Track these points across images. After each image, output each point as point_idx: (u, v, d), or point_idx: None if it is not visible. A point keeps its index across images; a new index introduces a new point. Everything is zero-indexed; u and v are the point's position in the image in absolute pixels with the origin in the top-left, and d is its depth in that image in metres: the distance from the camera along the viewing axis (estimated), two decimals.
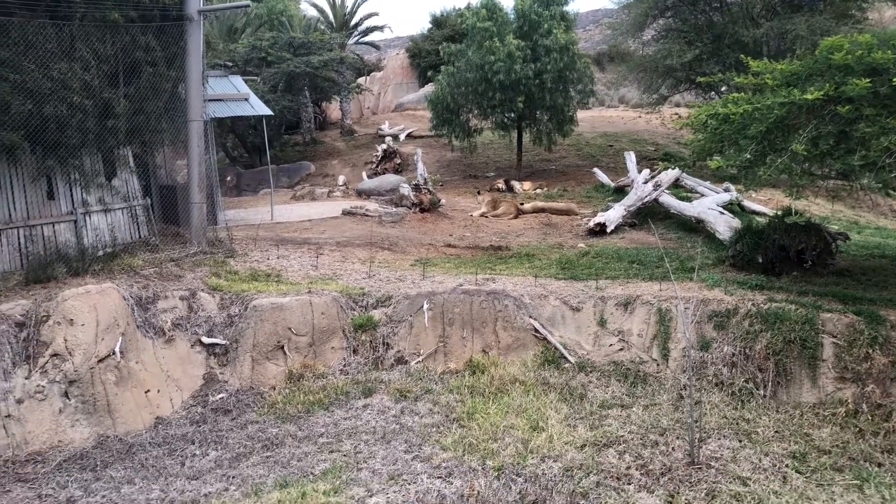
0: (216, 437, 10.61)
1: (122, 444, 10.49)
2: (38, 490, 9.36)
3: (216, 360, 12.19)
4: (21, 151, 11.98)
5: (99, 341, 10.95)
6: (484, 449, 9.76)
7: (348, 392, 11.73)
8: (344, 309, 12.88)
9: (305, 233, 18.26)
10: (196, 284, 12.97)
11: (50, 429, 10.35)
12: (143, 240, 14.64)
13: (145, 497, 9.12)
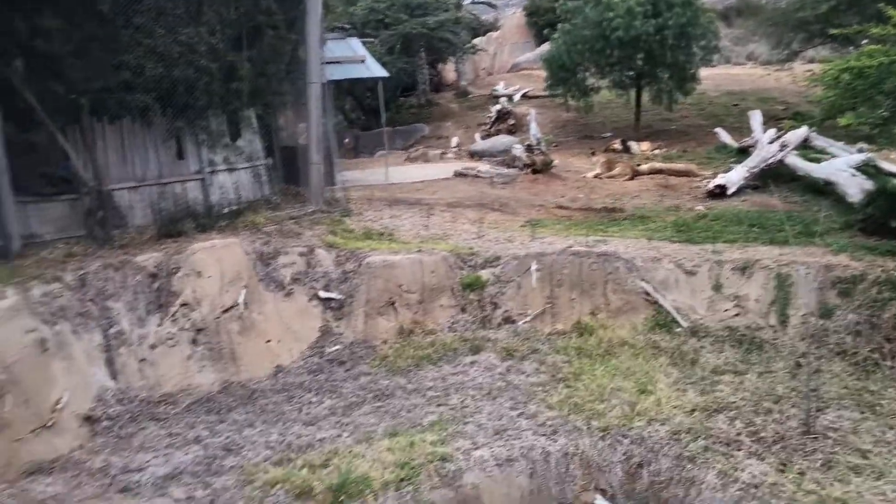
0: (331, 387, 11.10)
1: (244, 390, 11.15)
2: (169, 429, 10.12)
3: (332, 314, 12.68)
4: (153, 113, 12.73)
5: (224, 293, 11.63)
6: (590, 409, 9.76)
7: (456, 349, 11.96)
8: (453, 268, 13.07)
9: (418, 193, 18.55)
10: (314, 242, 13.48)
11: (179, 373, 11.11)
12: (265, 198, 15.31)
13: (265, 440, 9.69)
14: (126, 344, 10.82)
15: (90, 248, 11.91)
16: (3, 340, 9.31)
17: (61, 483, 8.96)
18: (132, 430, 10.06)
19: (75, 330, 10.39)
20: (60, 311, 10.31)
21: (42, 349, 9.80)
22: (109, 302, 10.93)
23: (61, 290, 10.53)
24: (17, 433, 9.29)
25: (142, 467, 9.17)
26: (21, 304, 9.85)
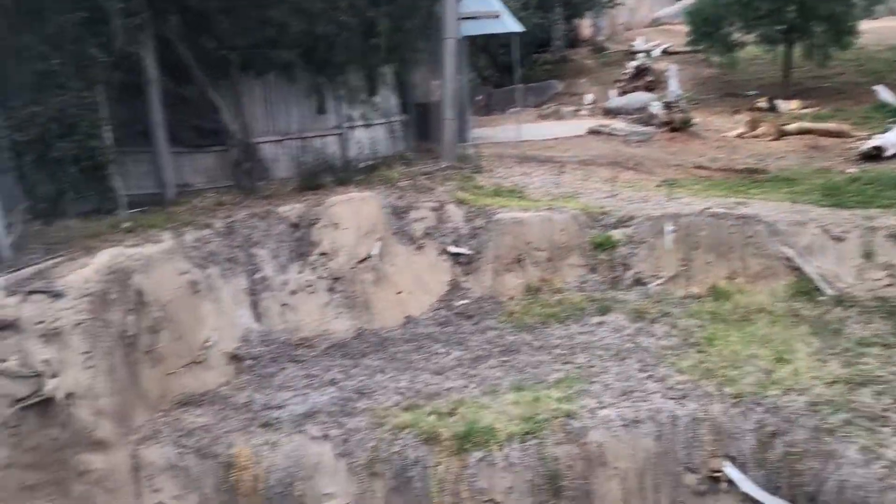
0: (458, 339, 11.33)
1: (376, 338, 11.57)
2: (307, 370, 10.68)
3: (460, 269, 12.87)
4: (296, 68, 13.21)
5: (359, 244, 12.05)
6: (722, 375, 9.48)
7: (584, 308, 11.88)
8: (583, 227, 12.91)
9: (549, 151, 18.35)
10: (445, 197, 13.67)
11: (317, 318, 11.66)
12: (399, 154, 15.63)
13: (395, 386, 10.05)
14: (269, 289, 11.45)
15: (237, 198, 12.62)
16: (160, 281, 10.06)
17: (209, 415, 9.68)
18: (273, 370, 10.69)
19: (223, 274, 11.09)
20: (210, 255, 11.02)
21: (194, 290, 10.54)
22: (254, 249, 11.56)
23: (211, 237, 11.24)
24: (171, 367, 10.09)
25: (281, 405, 9.76)
26: (176, 247, 10.59)
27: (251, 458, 8.98)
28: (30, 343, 8.72)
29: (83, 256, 9.55)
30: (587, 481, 8.58)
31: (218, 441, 9.14)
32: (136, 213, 11.44)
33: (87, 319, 8.92)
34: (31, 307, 8.78)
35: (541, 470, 8.52)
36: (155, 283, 9.94)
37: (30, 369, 8.68)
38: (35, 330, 8.72)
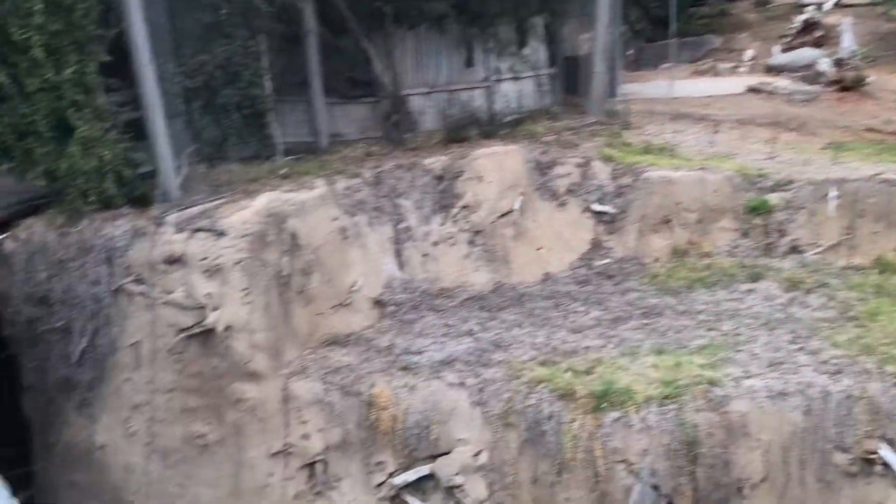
0: (598, 299, 11.18)
1: (514, 292, 11.61)
2: (445, 320, 10.90)
3: (603, 228, 12.62)
4: (448, 21, 13.24)
5: (501, 198, 12.06)
6: (883, 352, 8.85)
7: (733, 274, 11.38)
8: (738, 189, 12.30)
9: (704, 109, 17.50)
10: (590, 153, 13.38)
11: (457, 270, 11.83)
12: (545, 108, 15.40)
13: (532, 341, 10.09)
14: (412, 239, 11.72)
15: (385, 149, 12.91)
16: (313, 225, 10.52)
17: (353, 355, 10.11)
18: (413, 317, 10.98)
19: (370, 222, 11.44)
20: (359, 204, 11.38)
21: (343, 236, 10.94)
22: (400, 199, 11.83)
23: (360, 186, 11.59)
24: (320, 308, 10.58)
25: (420, 351, 10.03)
26: (327, 195, 11.01)
27: (391, 399, 9.33)
28: (194, 277, 9.40)
29: (243, 199, 10.12)
30: (727, 451, 8.32)
31: (361, 380, 9.54)
32: (292, 161, 11.95)
33: (246, 258, 9.49)
34: (197, 244, 9.43)
35: (678, 435, 8.33)
36: (308, 227, 10.40)
37: (194, 301, 9.38)
38: (199, 265, 9.38)
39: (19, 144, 9.08)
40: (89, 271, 9.36)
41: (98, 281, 9.35)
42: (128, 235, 9.38)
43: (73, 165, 9.07)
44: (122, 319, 9.50)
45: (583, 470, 8.52)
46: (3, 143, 9.07)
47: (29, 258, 9.40)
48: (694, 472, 8.28)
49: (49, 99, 8.98)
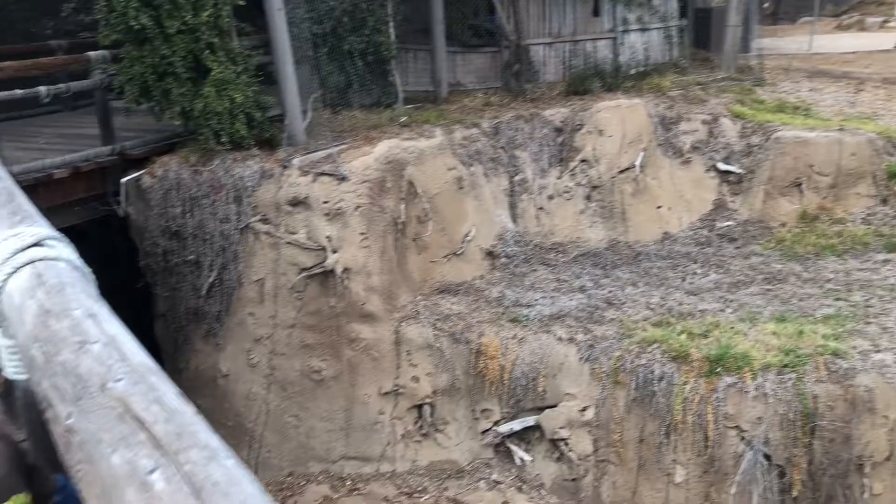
0: (718, 261, 10.83)
1: (629, 250, 11.40)
2: (557, 275, 10.84)
3: (728, 188, 12.15)
4: None
5: (622, 153, 11.77)
6: None
7: (867, 243, 10.75)
8: (879, 153, 11.52)
9: (846, 66, 16.38)
10: (719, 110, 12.82)
11: (571, 225, 11.71)
12: (673, 61, 14.83)
13: (646, 300, 9.91)
14: (527, 192, 11.65)
15: (505, 99, 12.80)
16: (430, 174, 10.62)
17: (464, 304, 10.23)
18: (525, 270, 10.99)
19: (486, 173, 11.44)
20: (476, 154, 11.39)
21: (459, 186, 11.01)
22: (517, 151, 11.75)
23: (478, 136, 11.58)
24: (433, 256, 10.74)
25: (530, 304, 10.04)
26: (445, 144, 11.07)
27: (499, 349, 9.43)
28: (316, 220, 9.71)
29: (364, 145, 10.31)
30: (848, 425, 7.96)
31: (470, 329, 9.67)
32: (411, 109, 12.05)
33: (365, 203, 9.72)
34: (320, 187, 9.72)
35: (795, 406, 8.03)
36: (425, 175, 10.51)
37: (315, 243, 9.72)
38: (322, 208, 9.68)
39: (159, 85, 9.54)
40: (219, 209, 9.83)
41: (227, 218, 9.81)
42: (256, 176, 9.76)
43: (206, 106, 9.46)
44: (248, 256, 9.95)
45: (692, 433, 8.37)
46: (144, 83, 9.55)
47: (165, 194, 9.95)
48: (811, 444, 7.99)
49: (187, 41, 9.36)
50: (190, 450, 0.94)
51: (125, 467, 0.95)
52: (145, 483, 0.90)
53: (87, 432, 1.06)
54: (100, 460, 0.99)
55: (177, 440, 0.96)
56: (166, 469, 0.91)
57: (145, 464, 0.93)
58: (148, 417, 1.02)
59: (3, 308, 1.68)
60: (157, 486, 0.89)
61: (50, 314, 1.43)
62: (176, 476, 0.90)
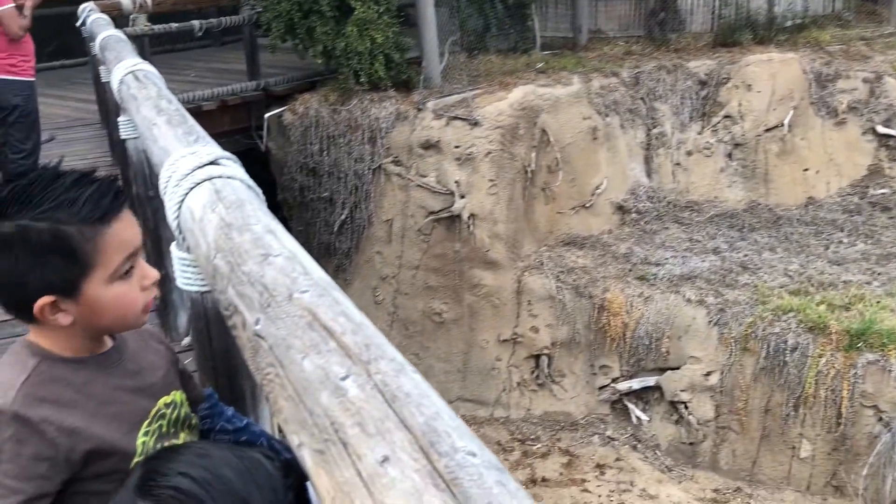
0: (868, 231, 10.14)
1: (770, 214, 10.84)
2: (690, 234, 10.47)
3: (886, 153, 11.27)
4: None
5: (770, 111, 11.11)
6: None
7: None
8: None
9: None
10: (883, 68, 11.81)
11: (709, 184, 11.22)
12: (835, 13, 13.74)
13: (784, 267, 9.44)
14: (664, 146, 11.23)
15: (647, 48, 12.29)
16: (564, 123, 10.41)
17: (589, 258, 10.08)
18: (656, 228, 10.67)
19: (622, 124, 11.09)
20: (613, 104, 11.04)
21: (593, 137, 10.74)
22: (657, 103, 11.31)
23: (616, 85, 11.21)
24: (561, 207, 10.60)
25: (660, 262, 9.77)
26: (582, 92, 10.79)
27: (623, 306, 9.26)
28: (446, 163, 9.76)
29: (499, 90, 10.21)
30: None
31: (594, 284, 9.54)
32: (549, 55, 11.79)
33: (496, 150, 9.67)
34: (452, 131, 9.74)
35: None
36: (559, 124, 10.31)
37: (444, 187, 9.79)
38: (453, 153, 9.71)
39: (303, 23, 9.76)
40: (354, 148, 10.05)
41: (361, 158, 10.03)
42: (391, 118, 9.89)
43: (348, 46, 9.61)
44: (379, 196, 10.16)
45: (823, 409, 7.99)
46: (290, 21, 9.80)
47: (304, 131, 10.26)
48: None
49: None
50: (379, 360, 0.95)
51: (318, 372, 0.97)
52: (339, 388, 0.92)
53: (277, 338, 1.10)
54: (291, 365, 1.03)
55: (366, 351, 0.98)
56: (358, 377, 0.93)
57: (337, 370, 0.95)
58: (336, 328, 1.05)
59: (182, 222, 1.77)
60: (350, 391, 0.91)
61: (232, 227, 1.49)
62: (368, 384, 0.91)
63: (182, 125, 2.33)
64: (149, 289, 1.57)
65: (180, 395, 1.75)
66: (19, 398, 1.45)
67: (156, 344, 1.79)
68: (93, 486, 1.54)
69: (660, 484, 8.83)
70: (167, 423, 1.67)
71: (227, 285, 1.35)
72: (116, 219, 1.50)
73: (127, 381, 1.63)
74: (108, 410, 1.56)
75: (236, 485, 1.12)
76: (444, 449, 0.79)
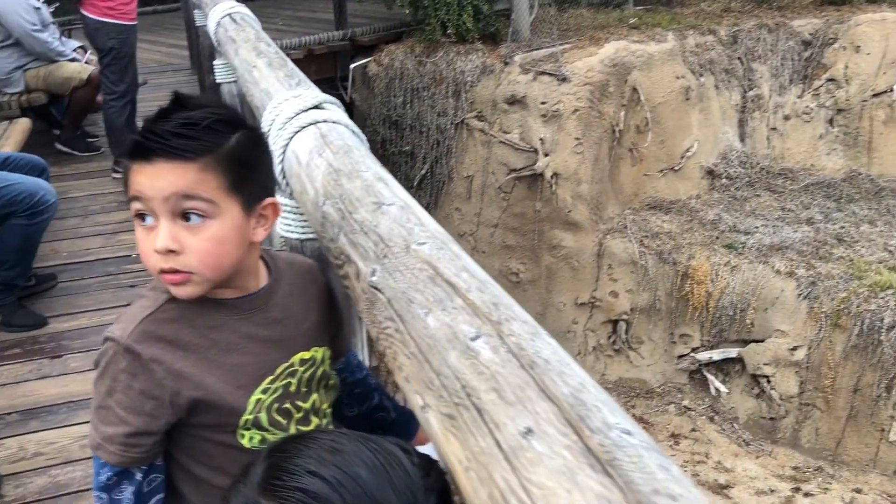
0: None
1: (871, 185, 10.27)
2: (783, 203, 10.02)
3: None
4: None
5: (879, 75, 10.45)
6: None
7: None
8: None
9: None
10: None
11: (806, 151, 10.70)
12: None
13: (883, 241, 8.97)
14: (760, 109, 10.73)
15: (747, 6, 11.68)
16: (656, 81, 10.02)
17: (675, 223, 9.77)
18: (746, 195, 10.24)
19: (717, 85, 10.62)
20: (708, 63, 10.57)
21: (685, 97, 10.32)
22: (755, 64, 10.78)
23: (713, 44, 10.71)
24: (648, 169, 10.27)
25: (749, 231, 9.39)
26: (676, 50, 10.35)
27: (708, 274, 8.97)
28: (531, 120, 9.55)
29: (590, 46, 9.88)
30: None
31: (679, 250, 9.25)
32: (642, 10, 11.35)
33: (584, 107, 9.39)
34: (539, 87, 9.50)
35: None
36: (650, 82, 9.93)
37: (527, 144, 9.59)
38: (538, 109, 9.48)
39: None
40: (438, 102, 9.92)
41: (444, 112, 9.90)
42: (476, 71, 9.71)
43: None
44: (460, 152, 10.04)
45: None
46: None
47: (388, 83, 10.18)
48: None
49: None
50: (511, 322, 0.87)
51: (444, 330, 0.90)
52: (470, 349, 0.84)
53: (396, 291, 1.03)
54: (413, 320, 0.96)
55: (495, 310, 0.90)
56: (490, 339, 0.85)
57: (466, 330, 0.88)
58: (461, 284, 0.97)
59: (287, 167, 1.72)
60: (483, 353, 0.83)
61: (341, 173, 1.42)
62: (502, 347, 0.83)
63: (283, 67, 2.27)
64: (161, 255, 1.37)
65: (323, 351, 1.61)
66: (136, 333, 1.43)
67: (315, 290, 1.63)
68: (202, 433, 1.51)
69: (736, 458, 8.62)
70: (297, 381, 1.54)
71: (339, 233, 1.28)
72: (140, 162, 1.36)
73: (261, 331, 1.50)
74: (228, 359, 1.46)
75: (371, 486, 0.99)
76: (595, 425, 0.70)
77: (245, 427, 1.48)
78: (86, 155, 7.51)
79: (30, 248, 4.20)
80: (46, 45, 7.01)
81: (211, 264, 1.37)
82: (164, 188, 1.32)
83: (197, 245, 1.35)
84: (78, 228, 5.64)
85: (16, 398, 3.53)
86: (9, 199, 3.89)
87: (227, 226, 1.37)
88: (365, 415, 1.87)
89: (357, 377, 1.85)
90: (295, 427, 1.52)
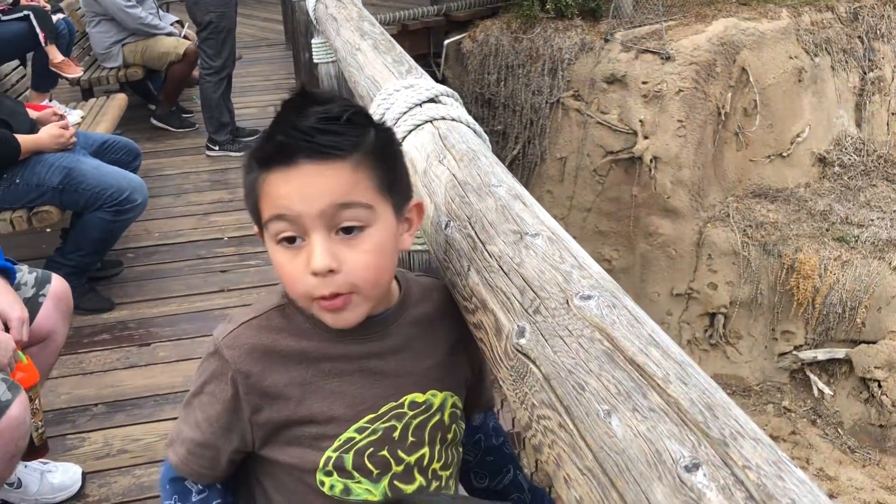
0: None
1: None
2: None
3: None
4: None
5: None
6: None
7: None
8: None
9: None
10: None
11: None
12: None
13: None
14: (881, 93, 9.96)
15: None
16: (767, 62, 9.39)
17: (782, 213, 9.18)
18: (861, 184, 9.55)
19: (833, 66, 9.90)
20: (824, 43, 9.84)
21: (797, 79, 9.65)
22: (877, 43, 9.99)
23: (830, 21, 9.97)
24: (754, 154, 9.67)
25: (863, 223, 8.76)
26: (790, 28, 9.67)
27: (816, 269, 8.39)
28: (631, 100, 9.10)
29: (696, 23, 9.33)
30: None
31: (785, 241, 8.69)
32: None
33: (688, 87, 8.87)
34: (640, 66, 9.03)
35: None
36: (761, 62, 9.31)
37: (626, 126, 9.16)
38: (639, 89, 9.02)
39: None
40: (533, 80, 9.57)
41: (540, 91, 9.55)
42: (574, 48, 9.30)
43: None
44: (554, 132, 9.69)
45: None
46: None
47: (482, 60, 9.88)
48: None
49: None
50: (739, 441, 0.63)
51: (639, 445, 0.65)
52: (684, 485, 0.60)
53: (557, 366, 0.79)
54: (587, 418, 0.72)
55: (713, 419, 0.65)
56: (715, 471, 0.60)
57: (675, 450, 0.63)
58: (652, 367, 0.72)
59: None
60: (708, 496, 0.58)
61: (468, 188, 1.18)
62: (737, 489, 0.58)
63: (391, 52, 2.04)
64: (319, 278, 1.16)
65: (444, 397, 1.34)
66: (232, 336, 1.28)
67: (451, 324, 1.37)
68: (279, 469, 1.31)
69: (840, 465, 8.09)
70: (402, 427, 1.30)
71: (469, 268, 1.04)
72: (280, 168, 1.15)
73: (373, 360, 1.29)
74: (326, 384, 1.27)
75: None
76: None
77: (325, 470, 1.26)
78: (181, 131, 7.53)
79: (109, 241, 4.20)
80: (140, 19, 7.01)
81: (372, 280, 1.18)
82: (318, 198, 1.12)
83: (356, 259, 1.15)
84: (171, 208, 5.60)
85: (103, 388, 3.43)
86: (97, 192, 3.87)
87: (384, 233, 1.18)
88: (497, 491, 1.62)
89: (493, 443, 1.61)
90: (389, 482, 1.27)
